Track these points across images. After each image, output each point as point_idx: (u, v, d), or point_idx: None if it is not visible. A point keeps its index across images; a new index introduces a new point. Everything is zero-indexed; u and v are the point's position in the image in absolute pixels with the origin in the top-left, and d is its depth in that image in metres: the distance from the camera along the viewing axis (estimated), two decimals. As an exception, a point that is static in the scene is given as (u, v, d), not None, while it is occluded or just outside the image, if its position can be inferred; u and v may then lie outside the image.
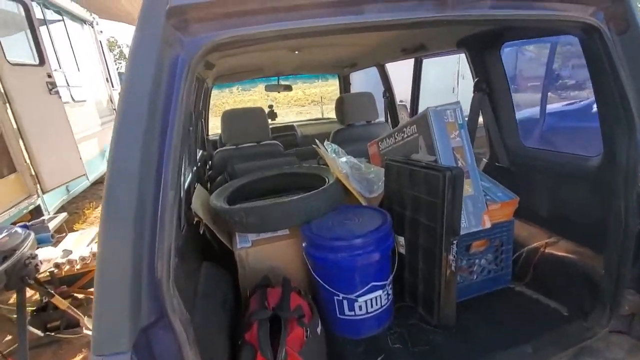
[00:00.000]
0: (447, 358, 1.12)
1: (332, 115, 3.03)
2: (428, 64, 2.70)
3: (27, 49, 4.02)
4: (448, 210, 1.17)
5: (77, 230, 4.01)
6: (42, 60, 3.92)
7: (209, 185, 2.28)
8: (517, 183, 1.56)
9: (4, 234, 2.16)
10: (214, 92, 3.67)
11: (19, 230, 2.27)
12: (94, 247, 3.06)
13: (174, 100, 0.66)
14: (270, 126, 3.60)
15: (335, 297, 1.23)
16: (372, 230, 1.22)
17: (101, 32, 7.09)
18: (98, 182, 5.85)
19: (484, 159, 1.79)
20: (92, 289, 3.12)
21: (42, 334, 2.47)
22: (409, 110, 2.78)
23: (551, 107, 3.79)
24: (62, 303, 2.44)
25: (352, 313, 1.23)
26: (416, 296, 1.35)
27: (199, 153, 2.99)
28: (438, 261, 1.21)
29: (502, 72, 1.56)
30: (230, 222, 1.36)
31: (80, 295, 2.99)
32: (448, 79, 9.09)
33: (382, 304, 1.26)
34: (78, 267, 2.90)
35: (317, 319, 1.12)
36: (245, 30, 0.69)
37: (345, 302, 1.22)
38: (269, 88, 3.20)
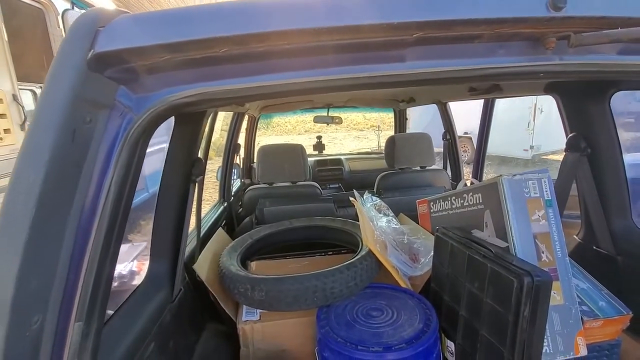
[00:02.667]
0: None
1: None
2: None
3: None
4: (523, 331, 0.81)
5: (130, 241, 4.13)
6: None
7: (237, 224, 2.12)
8: (625, 279, 1.12)
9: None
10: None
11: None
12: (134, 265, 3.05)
13: (105, 181, 0.45)
14: (317, 158, 3.42)
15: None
16: (411, 339, 0.90)
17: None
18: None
19: (575, 237, 1.36)
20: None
21: None
22: (475, 147, 2.38)
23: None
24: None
25: None
26: None
27: (239, 183, 2.88)
28: (503, 400, 0.84)
29: (611, 129, 1.15)
30: (234, 292, 1.13)
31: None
32: (522, 111, 8.19)
33: None
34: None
35: None
36: (217, 85, 0.47)
37: None
38: (317, 119, 3.03)
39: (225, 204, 2.11)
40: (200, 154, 1.18)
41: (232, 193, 2.34)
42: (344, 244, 1.53)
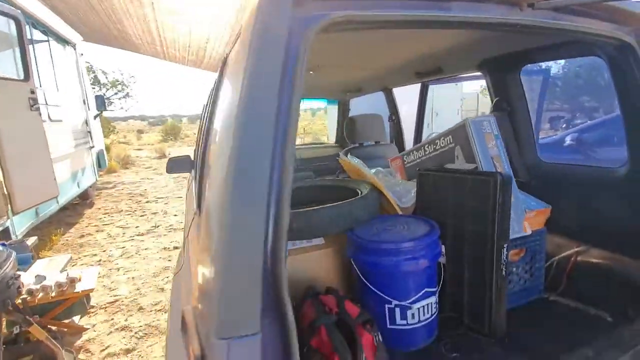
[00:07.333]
0: None
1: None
2: (401, 99, 2.90)
3: (13, 63, 3.85)
4: (499, 214, 1.19)
5: (43, 258, 3.65)
6: (28, 76, 3.74)
7: None
8: (538, 197, 1.62)
9: (-17, 252, 1.94)
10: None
11: (0, 248, 2.04)
12: (71, 273, 2.79)
13: (289, 87, 0.63)
14: None
15: (387, 305, 1.17)
16: (426, 235, 1.21)
17: (82, 54, 6.94)
18: (65, 207, 5.48)
19: (501, 175, 1.86)
20: (67, 321, 2.80)
21: (12, 371, 2.15)
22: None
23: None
24: (41, 333, 2.17)
25: (404, 322, 1.18)
26: (461, 306, 1.32)
27: None
28: (488, 268, 1.21)
29: (522, 93, 1.68)
30: None
31: (53, 327, 2.67)
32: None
33: (433, 312, 1.22)
34: (53, 294, 2.63)
35: (376, 326, 1.06)
36: (370, 11, 0.70)
37: (397, 310, 1.17)
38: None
39: None
40: None
41: None
42: (342, 199, 1.78)
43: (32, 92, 3.80)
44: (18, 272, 2.03)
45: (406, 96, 3.23)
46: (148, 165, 12.53)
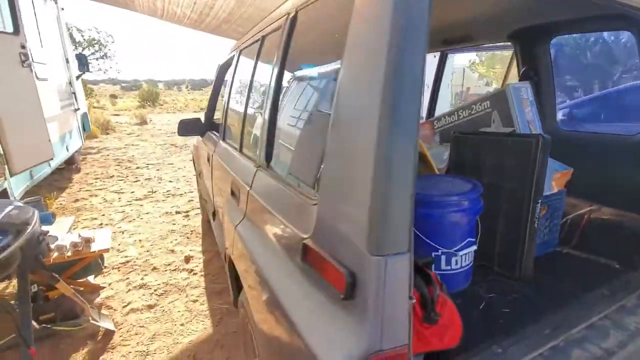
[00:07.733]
0: (543, 305, 1.24)
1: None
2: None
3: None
4: (537, 173, 1.31)
5: None
6: (17, 29, 3.50)
7: None
8: (557, 158, 1.76)
9: (11, 207, 1.92)
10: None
11: (22, 205, 2.03)
12: (83, 234, 2.79)
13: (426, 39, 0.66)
14: None
15: (434, 253, 1.30)
16: (470, 190, 1.32)
17: (62, 9, 6.46)
18: (52, 172, 5.31)
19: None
20: (82, 280, 2.83)
21: (37, 326, 2.19)
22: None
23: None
24: (67, 289, 2.21)
25: (449, 267, 1.31)
26: (491, 256, 1.47)
27: None
28: (524, 221, 1.35)
29: (550, 64, 1.77)
30: None
31: (70, 286, 2.69)
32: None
33: (471, 260, 1.36)
34: (69, 254, 2.63)
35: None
36: None
37: (443, 257, 1.30)
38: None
39: None
40: None
41: None
42: None
43: (23, 46, 3.58)
44: (45, 229, 2.03)
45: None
46: (130, 132, 12.08)
